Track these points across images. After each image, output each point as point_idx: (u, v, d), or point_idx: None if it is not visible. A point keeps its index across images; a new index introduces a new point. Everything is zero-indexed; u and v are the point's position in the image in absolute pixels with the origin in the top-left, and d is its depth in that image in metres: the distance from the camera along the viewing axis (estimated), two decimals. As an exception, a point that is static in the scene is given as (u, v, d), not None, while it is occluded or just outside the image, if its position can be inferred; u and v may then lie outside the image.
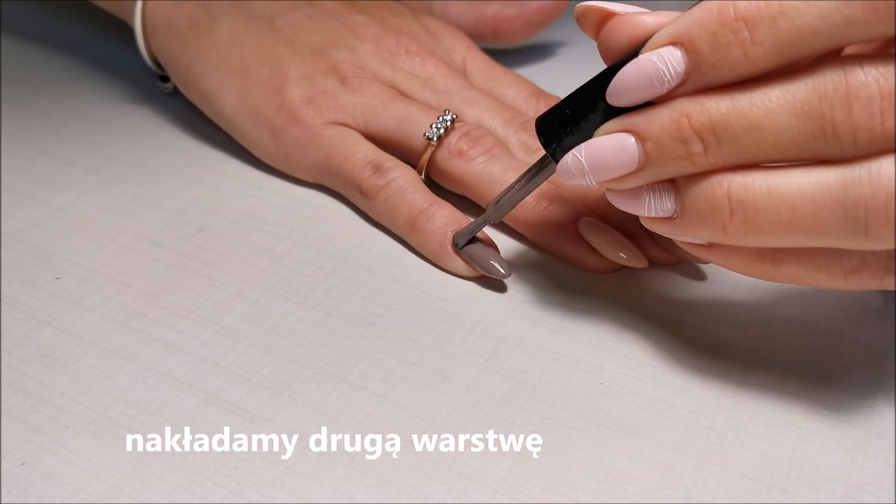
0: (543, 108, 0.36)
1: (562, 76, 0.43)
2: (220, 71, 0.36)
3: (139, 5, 0.38)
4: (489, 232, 0.31)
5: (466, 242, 0.30)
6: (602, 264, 0.30)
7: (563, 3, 0.42)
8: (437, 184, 0.34)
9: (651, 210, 0.24)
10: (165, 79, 0.41)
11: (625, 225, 0.30)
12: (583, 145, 0.24)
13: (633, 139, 0.23)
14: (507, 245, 0.32)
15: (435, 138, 0.32)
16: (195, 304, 0.29)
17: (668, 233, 0.24)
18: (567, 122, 0.24)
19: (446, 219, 0.31)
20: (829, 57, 0.21)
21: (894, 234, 0.20)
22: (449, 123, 0.33)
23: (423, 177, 0.33)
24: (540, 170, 0.27)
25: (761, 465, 0.23)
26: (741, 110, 0.21)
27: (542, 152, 0.32)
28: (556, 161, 0.25)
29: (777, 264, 0.23)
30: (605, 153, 0.23)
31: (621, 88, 0.23)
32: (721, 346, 0.27)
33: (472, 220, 0.31)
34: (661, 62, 0.22)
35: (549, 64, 0.45)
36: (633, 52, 0.23)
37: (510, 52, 0.44)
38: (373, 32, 0.37)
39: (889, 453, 0.24)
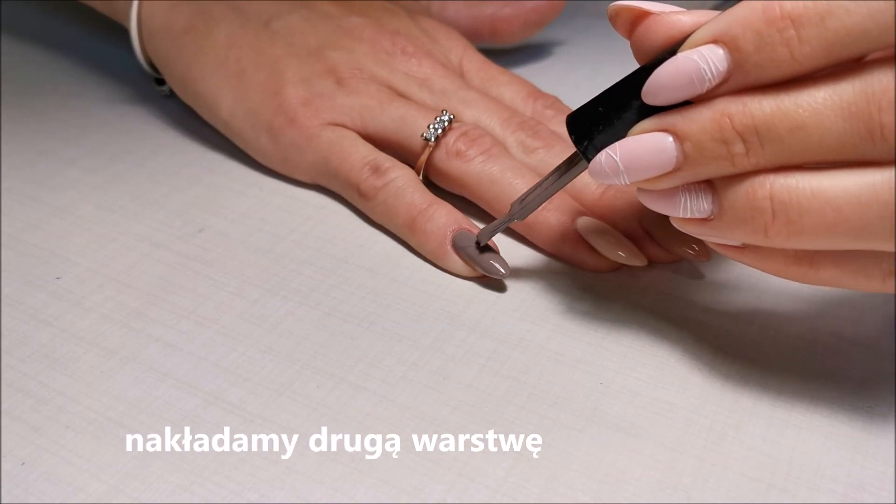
0: (541, 108, 0.36)
1: (559, 76, 0.43)
2: (217, 74, 0.36)
3: (135, 6, 0.38)
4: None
5: (473, 242, 0.30)
6: (601, 264, 0.30)
7: (560, 2, 0.42)
8: (435, 184, 0.34)
9: (686, 211, 0.23)
10: (161, 81, 0.41)
11: (623, 224, 0.30)
12: (617, 144, 0.23)
13: (670, 139, 0.22)
14: (507, 245, 0.32)
15: (433, 139, 0.32)
16: (195, 304, 0.29)
17: (703, 234, 0.23)
18: (599, 120, 0.24)
19: (446, 219, 0.31)
20: (877, 57, 0.20)
21: None
22: (446, 124, 0.33)
23: (421, 177, 0.33)
24: (569, 168, 0.26)
25: (761, 465, 0.23)
26: (786, 111, 0.21)
27: (542, 151, 0.33)
28: (588, 159, 0.24)
29: (814, 267, 0.22)
30: (641, 153, 0.23)
31: (658, 87, 0.22)
32: (721, 345, 0.27)
33: (472, 220, 0.31)
34: (702, 60, 0.21)
35: (546, 64, 0.45)
36: (670, 50, 0.22)
37: (507, 52, 0.44)
38: (369, 34, 0.37)
39: (889, 453, 0.24)
